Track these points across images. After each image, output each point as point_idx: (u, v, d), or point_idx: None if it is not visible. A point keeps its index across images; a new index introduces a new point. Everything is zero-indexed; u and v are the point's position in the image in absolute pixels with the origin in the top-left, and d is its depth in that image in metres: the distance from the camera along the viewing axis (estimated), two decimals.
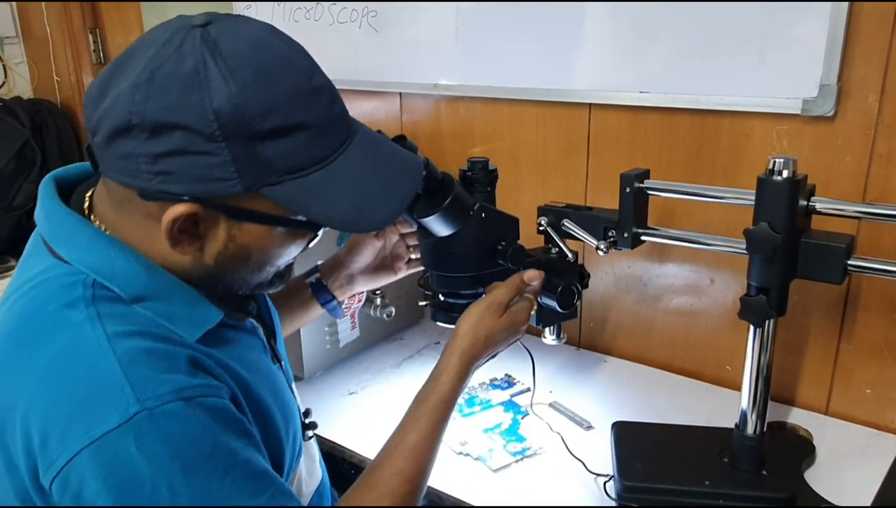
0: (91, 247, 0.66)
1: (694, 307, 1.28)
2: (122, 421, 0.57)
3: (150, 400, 0.58)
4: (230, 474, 0.61)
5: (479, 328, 0.86)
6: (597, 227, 1.05)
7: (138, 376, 0.59)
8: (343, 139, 0.67)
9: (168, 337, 0.64)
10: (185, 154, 0.59)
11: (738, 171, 1.16)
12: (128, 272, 0.65)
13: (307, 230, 0.70)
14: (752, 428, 0.94)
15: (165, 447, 0.58)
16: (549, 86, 1.30)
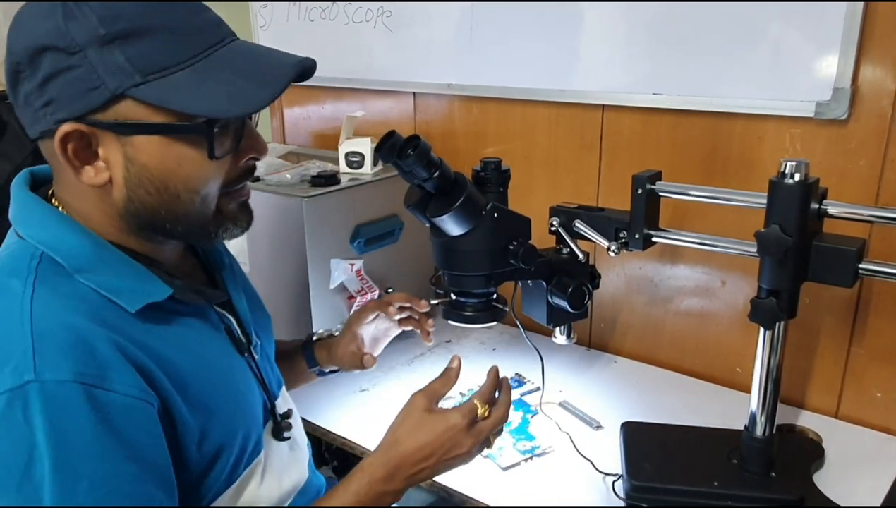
0: (43, 223, 0.69)
1: (705, 309, 1.28)
2: (14, 386, 0.59)
3: (47, 373, 0.59)
4: (102, 481, 0.60)
5: (422, 456, 0.82)
6: (608, 228, 1.05)
7: (46, 349, 0.60)
8: (212, 44, 0.68)
9: (101, 316, 0.65)
10: (58, 74, 0.63)
11: (751, 174, 1.16)
12: (74, 245, 0.68)
13: (191, 134, 0.67)
14: (761, 430, 0.95)
15: (48, 425, 0.58)
16: (563, 87, 1.30)
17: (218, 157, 0.69)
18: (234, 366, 0.80)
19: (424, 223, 0.97)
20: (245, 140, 0.72)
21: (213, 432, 0.72)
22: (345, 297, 1.29)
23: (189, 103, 0.65)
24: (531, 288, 1.11)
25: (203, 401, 0.72)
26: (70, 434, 0.59)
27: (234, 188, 0.74)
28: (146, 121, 0.65)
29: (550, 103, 1.35)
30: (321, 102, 1.73)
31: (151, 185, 0.68)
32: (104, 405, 0.61)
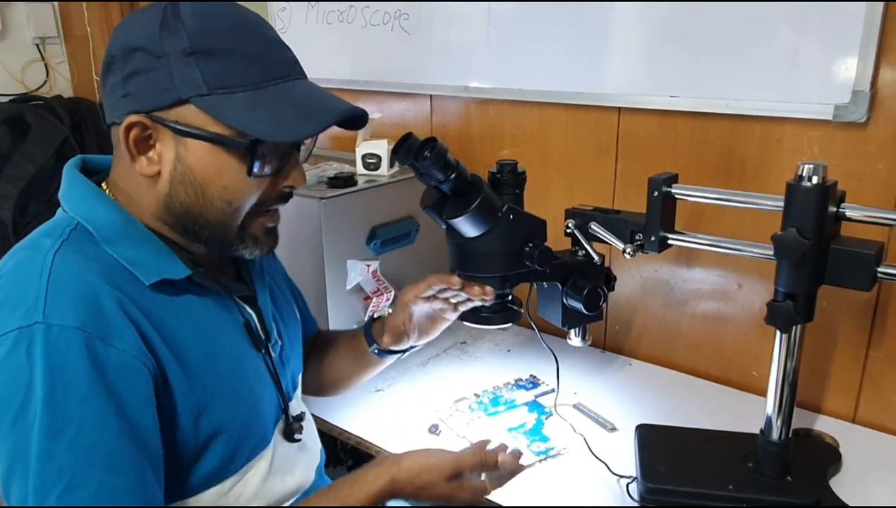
0: (83, 199, 0.76)
1: (721, 312, 1.28)
2: (22, 325, 0.64)
3: (53, 318, 0.64)
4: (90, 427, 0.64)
5: (421, 476, 0.81)
6: (624, 231, 1.05)
7: (57, 297, 0.66)
8: (278, 76, 0.74)
9: (117, 281, 0.70)
10: (141, 72, 0.70)
11: (769, 177, 1.16)
12: (106, 218, 0.74)
13: (237, 149, 0.72)
14: (777, 434, 0.94)
15: (46, 365, 0.63)
16: (579, 90, 1.31)
17: (256, 176, 0.74)
18: (246, 358, 0.83)
19: (441, 224, 0.97)
20: (287, 168, 0.78)
21: (213, 412, 0.75)
22: (361, 298, 1.30)
23: (241, 121, 0.71)
24: (546, 289, 1.12)
25: (204, 379, 0.75)
26: (65, 377, 0.64)
27: (265, 209, 0.79)
28: (201, 128, 0.71)
29: (567, 105, 1.35)
30: None
31: (192, 186, 0.74)
32: (101, 357, 0.65)
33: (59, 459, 0.63)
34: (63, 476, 0.63)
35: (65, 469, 0.63)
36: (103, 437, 0.65)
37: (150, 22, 0.70)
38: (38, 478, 0.62)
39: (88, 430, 0.64)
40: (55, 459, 0.63)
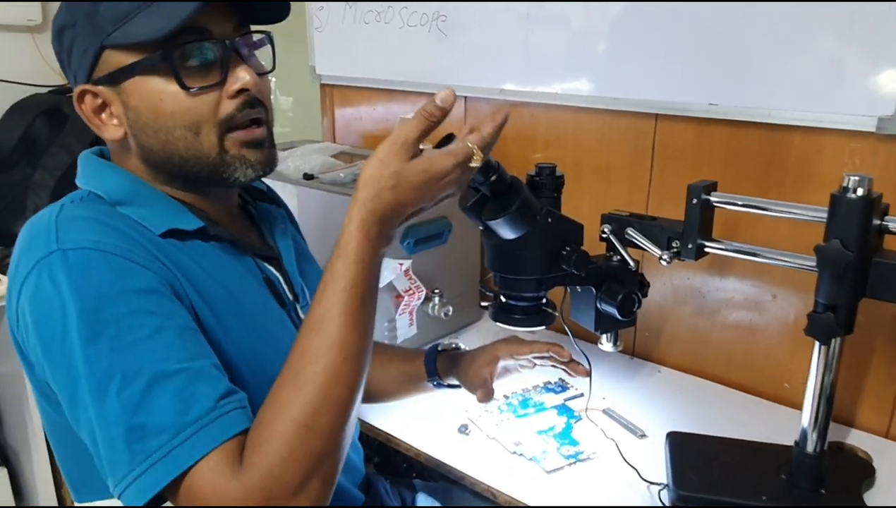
0: (95, 172, 0.78)
1: (754, 322, 1.27)
2: (39, 257, 0.65)
3: (68, 243, 0.66)
4: (128, 327, 0.63)
5: (381, 173, 0.70)
6: (660, 237, 1.05)
7: (67, 229, 0.67)
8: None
9: (130, 234, 0.70)
10: (71, 49, 0.74)
11: (807, 187, 1.15)
12: (115, 183, 0.76)
13: (160, 67, 0.71)
14: (812, 447, 0.94)
15: (71, 284, 0.64)
16: (616, 95, 1.31)
17: (192, 89, 0.72)
18: (271, 310, 0.82)
19: (478, 225, 0.98)
20: (230, 72, 0.74)
21: (241, 349, 0.74)
22: (392, 296, 1.31)
23: (141, 33, 0.70)
24: (580, 293, 1.12)
25: (230, 319, 0.74)
26: (91, 289, 0.64)
27: (234, 125, 0.75)
28: (124, 64, 0.72)
29: (603, 110, 1.35)
30: (373, 103, 1.76)
31: (148, 127, 0.74)
32: (122, 268, 0.66)
33: (104, 361, 0.62)
34: (114, 374, 0.62)
35: (114, 367, 0.62)
36: (142, 334, 0.64)
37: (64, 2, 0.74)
38: (92, 382, 0.62)
39: (126, 330, 0.63)
40: (101, 361, 0.62)
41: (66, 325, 0.63)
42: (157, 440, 0.61)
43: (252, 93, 0.75)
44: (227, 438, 0.62)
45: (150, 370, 0.62)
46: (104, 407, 0.62)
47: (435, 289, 1.38)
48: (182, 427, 0.61)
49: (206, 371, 0.66)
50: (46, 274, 0.65)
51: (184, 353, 0.65)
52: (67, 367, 0.64)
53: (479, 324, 1.54)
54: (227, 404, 0.64)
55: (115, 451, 0.61)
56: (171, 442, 0.61)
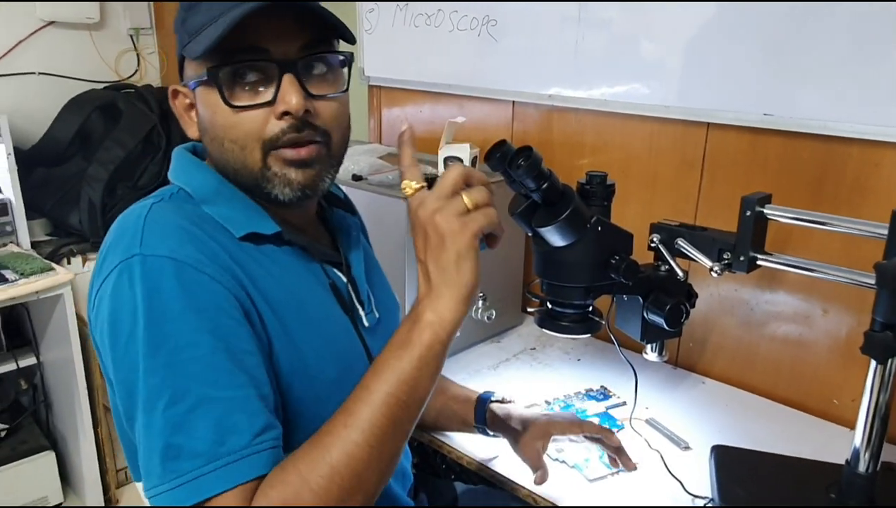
0: (184, 169, 0.83)
1: (803, 336, 1.25)
2: (123, 259, 0.69)
3: (148, 250, 0.69)
4: (179, 351, 0.66)
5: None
6: (711, 248, 1.04)
7: (151, 234, 0.71)
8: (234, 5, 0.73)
9: (213, 233, 0.75)
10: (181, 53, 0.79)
11: (864, 202, 1.13)
12: (202, 182, 0.80)
13: (209, 82, 0.75)
14: (864, 467, 0.92)
15: (144, 290, 0.67)
16: (667, 103, 1.30)
17: (234, 106, 0.74)
18: (333, 316, 0.84)
19: (527, 232, 0.98)
20: (280, 94, 0.74)
21: (303, 356, 0.77)
22: None
23: (195, 50, 0.73)
24: (626, 302, 1.11)
25: (294, 325, 0.77)
26: (160, 300, 0.67)
27: (280, 144, 0.76)
28: (194, 74, 0.77)
29: (652, 118, 1.34)
30: (419, 105, 1.77)
31: (207, 134, 0.80)
32: (191, 281, 0.69)
33: (159, 375, 0.66)
34: (164, 391, 0.65)
35: (165, 383, 0.65)
36: (197, 354, 0.66)
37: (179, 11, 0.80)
38: (145, 394, 0.66)
39: (183, 347, 0.66)
40: (156, 375, 0.66)
41: (133, 330, 0.67)
42: (189, 463, 0.64)
43: (298, 115, 0.75)
44: (251, 478, 0.65)
45: (196, 393, 0.65)
46: (151, 418, 0.66)
47: (479, 293, 1.39)
48: (215, 457, 0.64)
49: (250, 402, 0.68)
50: (126, 276, 0.68)
51: (232, 380, 0.67)
52: (129, 369, 0.67)
53: (520, 328, 1.54)
54: (262, 442, 0.66)
55: (151, 461, 0.65)
56: (201, 469, 0.64)
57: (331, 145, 0.79)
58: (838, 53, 1.09)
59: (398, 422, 0.67)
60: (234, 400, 0.66)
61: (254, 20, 0.71)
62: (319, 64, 0.78)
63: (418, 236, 0.70)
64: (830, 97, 1.11)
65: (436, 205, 0.68)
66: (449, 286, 0.69)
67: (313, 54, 0.76)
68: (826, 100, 1.11)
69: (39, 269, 1.81)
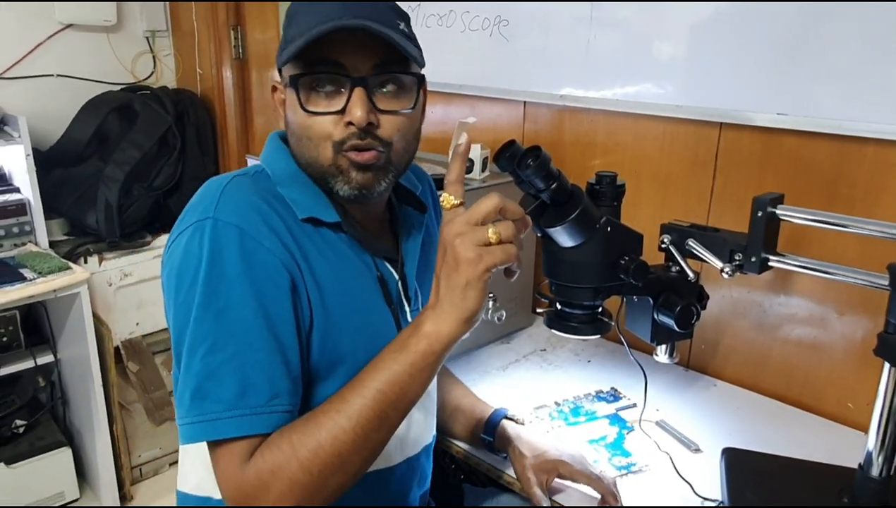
0: (270, 152, 0.91)
1: (817, 339, 1.23)
2: (198, 219, 0.78)
3: (220, 215, 0.78)
4: (229, 309, 0.75)
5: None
6: (723, 249, 1.03)
7: (226, 202, 0.79)
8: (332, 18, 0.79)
9: (280, 211, 0.82)
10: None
11: (879, 202, 1.11)
12: (281, 165, 0.88)
13: (292, 87, 0.83)
14: (877, 471, 0.91)
15: (209, 250, 0.76)
16: (679, 103, 1.29)
17: (309, 111, 0.82)
18: (376, 306, 0.90)
19: (536, 233, 0.98)
20: (349, 105, 0.81)
21: (339, 337, 0.84)
22: None
23: (280, 58, 0.84)
24: (636, 304, 1.10)
25: (335, 306, 0.84)
26: (220, 261, 0.76)
27: (347, 148, 0.83)
28: (285, 76, 0.85)
29: (665, 118, 1.33)
30: (431, 106, 1.77)
31: (289, 128, 0.88)
32: (251, 251, 0.77)
33: (206, 325, 0.75)
34: (207, 340, 0.75)
35: (209, 334, 0.75)
36: (242, 315, 0.76)
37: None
38: (191, 338, 0.76)
39: (231, 307, 0.75)
40: (204, 325, 0.76)
41: (194, 283, 0.76)
42: (212, 406, 0.75)
43: (361, 126, 0.81)
44: (257, 433, 0.75)
45: (232, 348, 0.75)
46: (191, 360, 0.76)
47: (489, 293, 1.39)
48: (234, 406, 0.74)
49: (274, 367, 0.77)
50: (198, 235, 0.77)
51: (265, 344, 0.76)
52: (184, 314, 0.77)
53: (530, 329, 1.53)
54: (276, 405, 0.76)
55: (182, 396, 0.76)
56: (219, 414, 0.74)
57: (391, 154, 0.85)
58: (852, 53, 1.07)
59: (385, 418, 0.74)
60: (261, 362, 0.76)
61: (335, 37, 0.78)
62: (389, 82, 0.84)
63: (440, 250, 0.74)
64: (845, 96, 1.10)
65: (461, 229, 0.72)
66: (453, 306, 0.73)
67: (384, 73, 0.83)
68: (840, 99, 1.10)
69: (57, 268, 1.84)
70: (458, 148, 0.80)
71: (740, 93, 1.21)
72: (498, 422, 1.07)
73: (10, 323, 2.00)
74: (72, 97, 2.26)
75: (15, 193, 2.02)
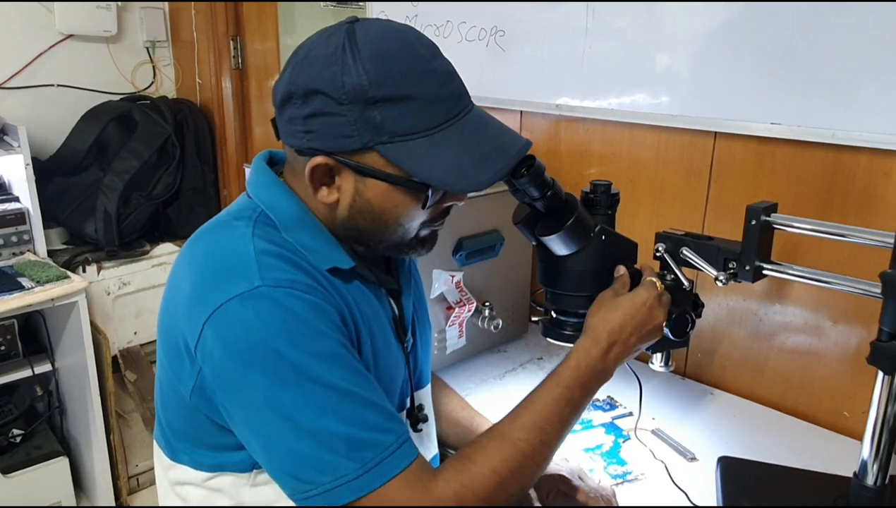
0: (267, 189, 0.84)
1: (812, 347, 1.24)
2: (246, 289, 0.73)
3: (270, 281, 0.74)
4: (330, 361, 0.73)
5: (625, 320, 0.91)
6: (717, 258, 1.03)
7: (266, 264, 0.75)
8: (453, 115, 0.78)
9: (299, 262, 0.78)
10: (323, 115, 0.75)
11: (872, 211, 1.12)
12: (285, 208, 0.82)
13: (414, 190, 0.78)
14: (872, 479, 0.91)
15: (280, 315, 0.72)
16: (674, 112, 1.29)
17: (430, 207, 0.81)
18: (392, 346, 0.89)
19: (532, 241, 0.98)
20: (451, 193, 0.82)
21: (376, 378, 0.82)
22: (444, 307, 1.32)
23: (421, 170, 0.76)
24: None
25: (367, 351, 0.83)
26: (296, 322, 0.72)
27: (434, 226, 0.86)
28: (382, 171, 0.77)
29: (660, 127, 1.34)
30: None
31: (370, 216, 0.81)
32: (315, 306, 0.75)
33: (317, 385, 0.72)
34: (329, 396, 0.72)
35: (327, 390, 0.72)
36: (345, 363, 0.74)
37: (331, 62, 0.74)
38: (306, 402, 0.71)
39: (329, 359, 0.73)
40: (317, 386, 0.72)
41: (275, 353, 0.71)
42: (372, 451, 0.72)
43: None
44: (415, 457, 0.75)
45: (356, 393, 0.74)
46: (320, 424, 0.71)
47: (485, 302, 1.39)
48: (390, 442, 0.74)
49: (383, 398, 0.77)
50: (252, 305, 0.72)
51: (368, 381, 0.76)
52: (267, 388, 0.71)
53: (527, 338, 1.54)
54: (405, 432, 0.76)
55: (318, 460, 0.72)
56: (385, 451, 0.73)
57: None
58: (845, 62, 1.08)
59: (567, 416, 0.85)
60: (374, 399, 0.75)
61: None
62: None
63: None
64: (838, 106, 1.10)
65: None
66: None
67: None
68: (834, 108, 1.11)
69: (55, 277, 1.84)
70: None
71: (735, 102, 1.22)
72: None
73: (7, 332, 2.00)
74: (72, 107, 2.27)
75: (14, 202, 2.02)
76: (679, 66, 1.27)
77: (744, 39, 1.18)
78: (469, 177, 0.76)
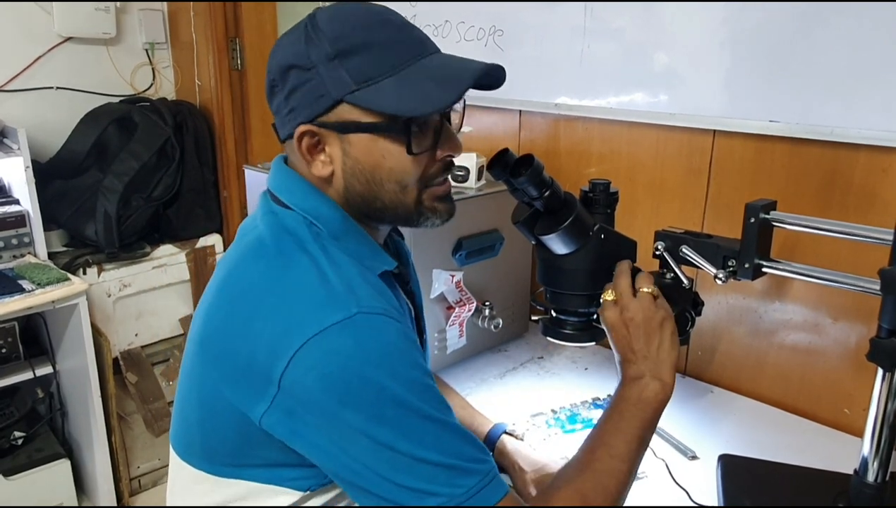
0: (306, 196, 0.82)
1: (812, 345, 1.24)
2: (343, 317, 0.70)
3: (366, 308, 0.72)
4: (426, 392, 0.72)
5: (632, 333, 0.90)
6: (716, 256, 1.04)
7: (359, 290, 0.74)
8: (416, 54, 0.78)
9: (375, 282, 0.79)
10: (299, 87, 0.77)
11: (872, 208, 1.12)
12: (330, 215, 0.81)
13: (394, 133, 0.78)
14: (872, 476, 0.91)
15: (379, 345, 0.71)
16: (673, 110, 1.29)
17: (416, 153, 0.79)
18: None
19: (531, 240, 0.99)
20: (443, 139, 0.81)
21: None
22: (444, 307, 1.32)
23: (391, 105, 0.76)
24: None
25: None
26: (397, 350, 0.72)
27: (434, 182, 0.83)
28: (358, 122, 0.77)
29: (659, 126, 1.34)
30: None
31: (362, 176, 0.80)
32: (402, 332, 0.74)
33: (417, 414, 0.71)
34: (428, 426, 0.71)
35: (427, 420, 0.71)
36: (435, 391, 0.74)
37: (296, 40, 0.78)
38: (408, 433, 0.70)
39: (425, 388, 0.73)
40: (415, 415, 0.71)
41: (378, 381, 0.70)
42: (471, 479, 0.72)
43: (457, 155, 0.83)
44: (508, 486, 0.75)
45: (449, 422, 0.74)
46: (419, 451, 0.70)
47: (485, 302, 1.39)
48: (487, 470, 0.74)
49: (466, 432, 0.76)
50: (351, 334, 0.70)
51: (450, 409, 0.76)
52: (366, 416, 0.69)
53: (527, 337, 1.54)
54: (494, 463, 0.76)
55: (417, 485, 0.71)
56: (482, 481, 0.73)
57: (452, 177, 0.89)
58: (843, 60, 1.08)
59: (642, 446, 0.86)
60: (464, 429, 0.75)
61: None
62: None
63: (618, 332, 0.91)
64: (837, 103, 1.10)
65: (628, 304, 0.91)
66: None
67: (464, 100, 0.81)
68: (832, 106, 1.11)
69: (56, 279, 1.84)
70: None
71: (733, 100, 1.22)
72: (497, 437, 1.07)
73: (8, 335, 2.00)
74: (71, 109, 2.27)
75: (14, 205, 2.02)
76: (677, 64, 1.27)
77: (742, 38, 1.19)
78: (434, 99, 0.75)
